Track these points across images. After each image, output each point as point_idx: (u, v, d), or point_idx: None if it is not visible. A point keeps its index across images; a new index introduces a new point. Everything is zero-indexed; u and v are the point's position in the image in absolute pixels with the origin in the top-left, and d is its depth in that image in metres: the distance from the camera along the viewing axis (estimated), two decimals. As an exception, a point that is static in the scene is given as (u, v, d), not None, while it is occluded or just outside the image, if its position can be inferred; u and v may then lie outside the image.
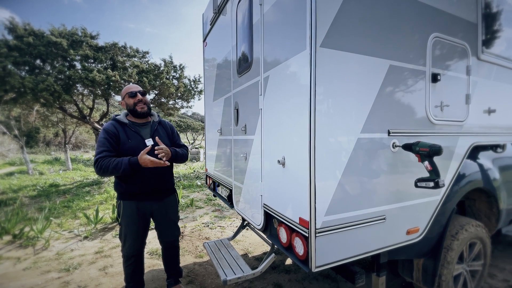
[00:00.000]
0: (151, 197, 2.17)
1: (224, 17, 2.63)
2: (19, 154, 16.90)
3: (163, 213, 2.26)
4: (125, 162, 1.92)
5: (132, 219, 2.11)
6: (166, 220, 2.30)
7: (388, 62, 1.57)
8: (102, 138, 2.01)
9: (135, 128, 2.15)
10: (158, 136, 2.19)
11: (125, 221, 2.11)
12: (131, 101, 2.14)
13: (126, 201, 2.11)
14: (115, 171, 1.91)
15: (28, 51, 7.14)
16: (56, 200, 6.30)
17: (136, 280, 2.24)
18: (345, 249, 1.49)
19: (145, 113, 2.18)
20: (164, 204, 2.26)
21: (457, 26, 1.91)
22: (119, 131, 2.08)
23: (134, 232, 2.13)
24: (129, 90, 2.15)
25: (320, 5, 1.31)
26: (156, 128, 2.25)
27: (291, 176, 1.54)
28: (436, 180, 1.49)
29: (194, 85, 10.78)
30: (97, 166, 1.93)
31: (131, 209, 2.10)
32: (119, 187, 2.13)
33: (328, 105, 1.39)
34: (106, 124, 2.10)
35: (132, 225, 2.12)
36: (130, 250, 2.15)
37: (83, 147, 27.05)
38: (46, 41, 7.25)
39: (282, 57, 1.60)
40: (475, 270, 2.32)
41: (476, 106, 2.06)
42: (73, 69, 7.70)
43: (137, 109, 2.14)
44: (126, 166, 1.92)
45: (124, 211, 2.11)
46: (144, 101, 2.17)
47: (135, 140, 2.09)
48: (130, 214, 2.11)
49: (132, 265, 2.19)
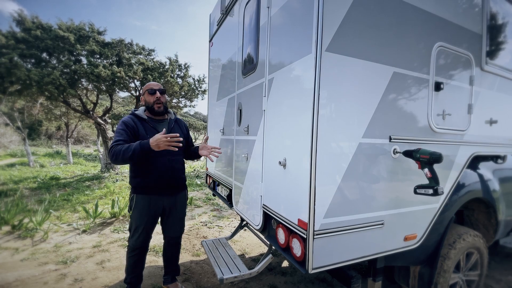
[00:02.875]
0: (163, 192, 2.22)
1: (231, 18, 2.66)
2: (21, 146, 16.99)
3: (173, 208, 2.31)
4: (136, 145, 1.92)
5: (143, 212, 2.15)
6: (175, 215, 2.34)
7: (392, 69, 1.58)
8: (119, 129, 2.07)
9: (153, 124, 2.21)
10: (174, 132, 2.24)
11: (136, 214, 2.16)
12: (150, 98, 2.19)
13: (139, 195, 2.16)
14: (126, 154, 1.90)
15: (35, 44, 7.20)
16: (56, 193, 6.33)
17: (136, 272, 2.27)
18: (342, 252, 1.50)
19: (161, 112, 2.24)
20: (175, 199, 2.31)
21: (462, 36, 1.92)
22: (138, 125, 2.13)
23: (143, 225, 2.17)
24: (149, 87, 2.20)
25: (327, 10, 1.33)
26: (172, 125, 2.32)
27: (291, 178, 1.56)
28: (435, 187, 1.50)
29: (198, 85, 10.83)
30: (110, 152, 1.97)
31: (143, 203, 2.15)
32: (133, 181, 2.18)
33: (331, 109, 1.40)
34: (125, 117, 2.16)
35: (143, 218, 2.16)
36: (137, 242, 2.19)
37: (85, 141, 27.15)
38: (54, 35, 7.30)
39: (287, 59, 1.62)
40: (472, 280, 2.32)
41: (478, 116, 2.08)
42: (79, 63, 7.76)
43: (154, 107, 2.20)
44: (137, 147, 1.91)
45: (136, 204, 2.16)
46: (161, 100, 2.21)
47: (152, 135, 2.07)
48: (142, 207, 2.15)
49: (135, 257, 2.23)
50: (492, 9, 2.11)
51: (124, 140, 2.02)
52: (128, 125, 2.09)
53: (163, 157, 2.14)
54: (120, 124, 2.10)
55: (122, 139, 2.02)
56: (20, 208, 4.62)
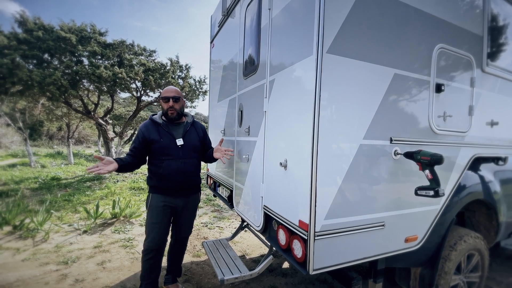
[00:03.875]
0: (177, 194, 2.26)
1: (233, 19, 2.67)
2: (22, 146, 17.02)
3: (184, 209, 2.33)
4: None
5: (157, 211, 2.20)
6: (185, 216, 2.37)
7: (393, 71, 1.59)
8: (135, 136, 2.31)
9: (168, 128, 2.27)
10: (188, 136, 2.32)
11: (151, 213, 2.21)
12: (164, 105, 2.27)
13: (154, 194, 2.23)
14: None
15: (37, 45, 7.23)
16: (57, 194, 6.35)
17: (152, 278, 2.25)
18: (343, 254, 1.50)
19: (174, 118, 2.29)
20: (187, 201, 2.34)
21: (463, 38, 1.93)
22: (151, 130, 2.22)
23: (158, 224, 2.20)
24: (164, 95, 2.27)
25: (328, 12, 1.34)
26: (188, 129, 2.35)
27: (292, 179, 1.56)
28: (436, 189, 1.50)
29: (199, 86, 10.84)
30: None
31: (158, 202, 2.20)
32: (149, 181, 2.26)
33: (332, 111, 1.41)
34: (142, 124, 2.30)
35: (157, 217, 2.19)
36: (152, 243, 2.19)
37: (86, 142, 27.20)
38: (55, 36, 7.34)
39: (289, 61, 1.62)
40: (472, 282, 2.31)
41: (479, 118, 2.08)
42: (81, 64, 7.79)
43: (168, 114, 2.27)
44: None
45: (151, 203, 2.22)
46: (174, 107, 2.26)
47: (166, 139, 2.22)
48: (156, 206, 2.20)
49: (150, 260, 2.21)
50: (493, 11, 2.11)
51: (135, 147, 2.20)
52: (140, 132, 2.23)
53: (177, 160, 2.20)
54: (138, 129, 2.29)
55: (133, 146, 2.21)
56: (21, 209, 4.63)
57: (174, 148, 2.20)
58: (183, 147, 2.23)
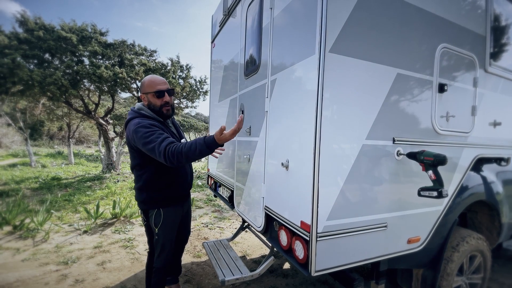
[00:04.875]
0: (185, 198, 2.16)
1: (234, 19, 2.66)
2: (22, 146, 17.04)
3: (186, 213, 2.26)
4: (200, 143, 1.59)
5: (171, 227, 1.96)
6: (187, 218, 2.33)
7: (396, 70, 1.57)
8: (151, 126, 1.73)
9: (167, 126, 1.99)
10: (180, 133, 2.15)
11: (164, 230, 1.93)
12: (158, 101, 1.88)
13: (166, 208, 1.92)
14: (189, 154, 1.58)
15: (38, 44, 7.23)
16: (57, 193, 6.34)
17: None
18: (345, 255, 1.49)
19: (170, 115, 1.97)
20: (188, 203, 2.28)
21: (466, 38, 1.92)
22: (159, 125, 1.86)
23: (172, 241, 2.00)
24: (157, 88, 1.85)
25: (331, 11, 1.33)
26: (175, 125, 2.15)
27: (294, 179, 1.55)
28: (439, 189, 1.49)
29: (199, 86, 10.84)
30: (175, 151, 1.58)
31: (172, 216, 1.97)
32: (156, 195, 1.90)
33: (334, 111, 1.39)
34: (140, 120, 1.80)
35: (171, 233, 1.97)
36: (165, 261, 1.97)
37: (86, 142, 27.22)
38: (56, 35, 7.33)
39: (290, 61, 1.61)
40: (475, 283, 2.30)
41: (482, 118, 2.06)
42: (81, 64, 7.78)
43: (163, 111, 1.91)
44: (203, 147, 1.58)
45: (164, 219, 1.91)
46: (170, 103, 1.94)
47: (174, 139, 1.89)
48: (171, 221, 1.96)
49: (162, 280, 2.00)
50: (495, 11, 2.10)
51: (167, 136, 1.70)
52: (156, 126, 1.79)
53: None
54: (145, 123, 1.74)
55: (167, 136, 1.69)
56: (21, 208, 4.63)
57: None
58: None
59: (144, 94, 1.91)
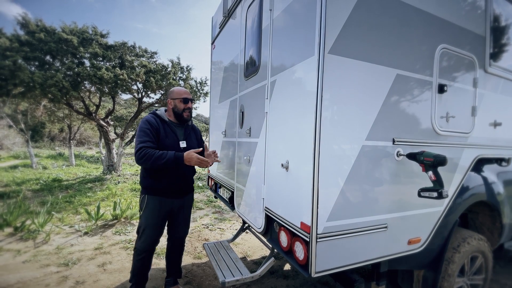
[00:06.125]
0: (174, 195, 2.24)
1: (234, 21, 2.66)
2: (24, 147, 17.08)
3: (180, 210, 2.33)
4: (171, 155, 1.97)
5: (153, 214, 2.16)
6: (182, 217, 2.37)
7: (395, 71, 1.58)
8: (145, 129, 2.06)
9: (173, 127, 2.23)
10: (189, 139, 2.32)
11: (146, 215, 2.16)
12: (182, 106, 2.24)
13: (150, 196, 2.16)
14: (158, 161, 1.94)
15: (39, 46, 7.25)
16: (58, 195, 6.35)
17: (143, 274, 2.27)
18: (345, 256, 1.49)
19: (188, 119, 2.30)
20: (183, 201, 2.34)
21: (465, 38, 1.92)
22: (160, 126, 2.15)
23: (152, 226, 2.17)
24: (184, 96, 2.23)
25: (330, 12, 1.33)
26: (189, 132, 2.36)
27: (294, 180, 1.55)
28: (439, 190, 1.49)
29: (200, 87, 10.85)
30: (140, 153, 1.95)
31: (154, 204, 2.16)
32: (145, 181, 2.18)
33: (334, 111, 1.40)
34: (148, 116, 2.17)
35: (152, 219, 2.16)
36: (144, 244, 2.18)
37: (87, 143, 27.28)
38: (57, 37, 7.35)
39: (290, 62, 1.61)
40: (476, 284, 2.29)
41: (482, 118, 2.06)
42: (82, 66, 7.80)
43: (184, 115, 2.25)
44: (171, 157, 1.96)
45: (147, 204, 2.16)
46: (191, 109, 2.28)
47: (171, 139, 2.18)
48: (153, 208, 2.16)
49: (142, 260, 2.22)
50: (495, 11, 2.10)
51: (151, 141, 2.04)
52: (153, 125, 2.10)
53: None
54: (144, 122, 2.10)
55: (149, 140, 2.03)
56: (22, 210, 4.63)
57: (177, 150, 2.14)
58: (185, 150, 2.16)
59: (172, 99, 2.26)
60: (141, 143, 1.99)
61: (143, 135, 2.04)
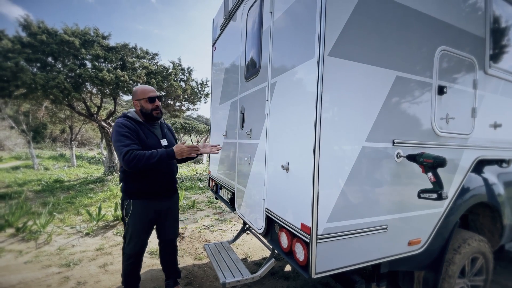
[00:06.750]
0: (160, 197, 2.21)
1: (234, 23, 2.68)
2: (25, 148, 17.14)
3: (168, 212, 2.31)
4: (162, 151, 1.94)
5: (140, 219, 2.12)
6: (169, 218, 2.34)
7: (395, 73, 1.58)
8: (124, 132, 1.97)
9: (150, 128, 2.19)
10: (167, 136, 2.30)
11: (133, 220, 2.10)
12: (149, 106, 2.15)
13: (136, 200, 2.10)
14: (151, 160, 1.88)
15: (41, 48, 7.30)
16: (59, 196, 6.37)
17: (133, 275, 2.28)
18: (346, 257, 1.49)
19: (159, 117, 2.24)
20: (170, 202, 2.32)
21: (465, 40, 1.92)
22: (137, 128, 2.09)
23: (140, 231, 2.15)
24: (149, 95, 2.14)
25: (330, 14, 1.34)
26: (165, 129, 2.34)
27: (294, 182, 1.56)
28: (439, 191, 1.49)
29: (201, 88, 10.88)
30: (129, 156, 1.85)
31: (141, 208, 2.11)
32: (129, 186, 2.10)
33: (333, 113, 1.40)
34: (122, 120, 2.06)
35: (139, 224, 2.13)
36: (134, 249, 2.17)
37: (89, 144, 27.34)
38: (59, 39, 7.40)
39: (290, 64, 1.62)
40: (477, 285, 2.28)
41: (482, 120, 2.06)
42: (84, 67, 7.84)
43: (153, 114, 2.18)
44: (163, 154, 1.93)
45: (133, 210, 2.09)
46: (159, 107, 2.21)
47: (152, 139, 2.13)
48: (139, 213, 2.11)
49: (132, 264, 2.22)
50: (495, 12, 2.11)
51: (135, 143, 1.96)
52: (130, 127, 2.03)
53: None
54: (121, 126, 2.00)
55: (133, 143, 1.95)
56: (24, 211, 4.65)
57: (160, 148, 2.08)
58: (166, 148, 2.10)
59: (137, 100, 2.16)
60: (125, 147, 1.89)
61: (124, 139, 1.94)
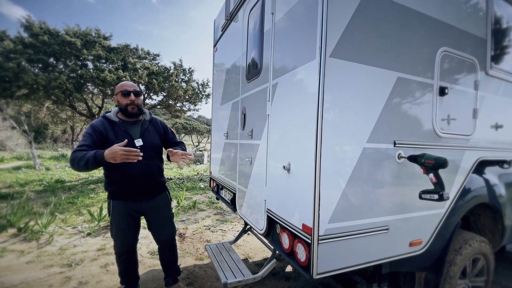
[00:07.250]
0: (140, 197, 2.15)
1: (236, 24, 2.69)
2: (27, 149, 17.19)
3: (154, 212, 2.24)
4: (90, 154, 1.79)
5: (121, 218, 2.12)
6: (159, 219, 2.28)
7: (396, 74, 1.59)
8: (86, 133, 1.96)
9: (125, 127, 2.10)
10: (148, 135, 2.17)
11: (115, 220, 2.13)
12: (124, 100, 2.08)
13: (115, 201, 2.11)
14: (81, 163, 1.78)
15: (43, 49, 7.33)
16: (61, 196, 6.38)
17: (130, 273, 2.29)
18: (347, 258, 1.50)
19: (135, 113, 2.13)
20: (155, 203, 2.23)
21: (466, 41, 1.92)
22: (108, 129, 2.02)
23: (123, 231, 2.16)
24: (123, 88, 2.08)
25: (331, 16, 1.35)
26: (146, 127, 2.20)
27: (295, 182, 1.56)
28: (440, 192, 1.49)
29: (202, 89, 10.90)
30: (71, 156, 1.85)
31: (120, 209, 2.11)
32: (109, 187, 2.10)
33: (335, 114, 1.41)
34: (95, 121, 2.06)
35: (122, 224, 2.13)
36: (121, 248, 2.19)
37: (90, 145, 27.36)
38: (61, 40, 7.44)
39: (292, 65, 1.63)
40: (478, 286, 2.28)
41: (483, 121, 2.06)
42: (85, 68, 7.87)
43: (128, 109, 2.10)
44: (90, 158, 1.77)
45: (113, 210, 2.11)
46: (136, 102, 2.10)
47: (123, 139, 1.92)
48: (120, 213, 2.11)
49: (124, 262, 2.24)
50: (496, 13, 2.11)
51: (88, 145, 1.89)
52: (96, 129, 1.98)
53: (139, 163, 1.91)
54: (89, 127, 1.99)
55: (86, 144, 1.89)
56: (26, 211, 4.66)
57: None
58: (142, 148, 2.03)
59: (115, 95, 2.14)
60: (76, 148, 1.87)
61: (82, 139, 1.93)
